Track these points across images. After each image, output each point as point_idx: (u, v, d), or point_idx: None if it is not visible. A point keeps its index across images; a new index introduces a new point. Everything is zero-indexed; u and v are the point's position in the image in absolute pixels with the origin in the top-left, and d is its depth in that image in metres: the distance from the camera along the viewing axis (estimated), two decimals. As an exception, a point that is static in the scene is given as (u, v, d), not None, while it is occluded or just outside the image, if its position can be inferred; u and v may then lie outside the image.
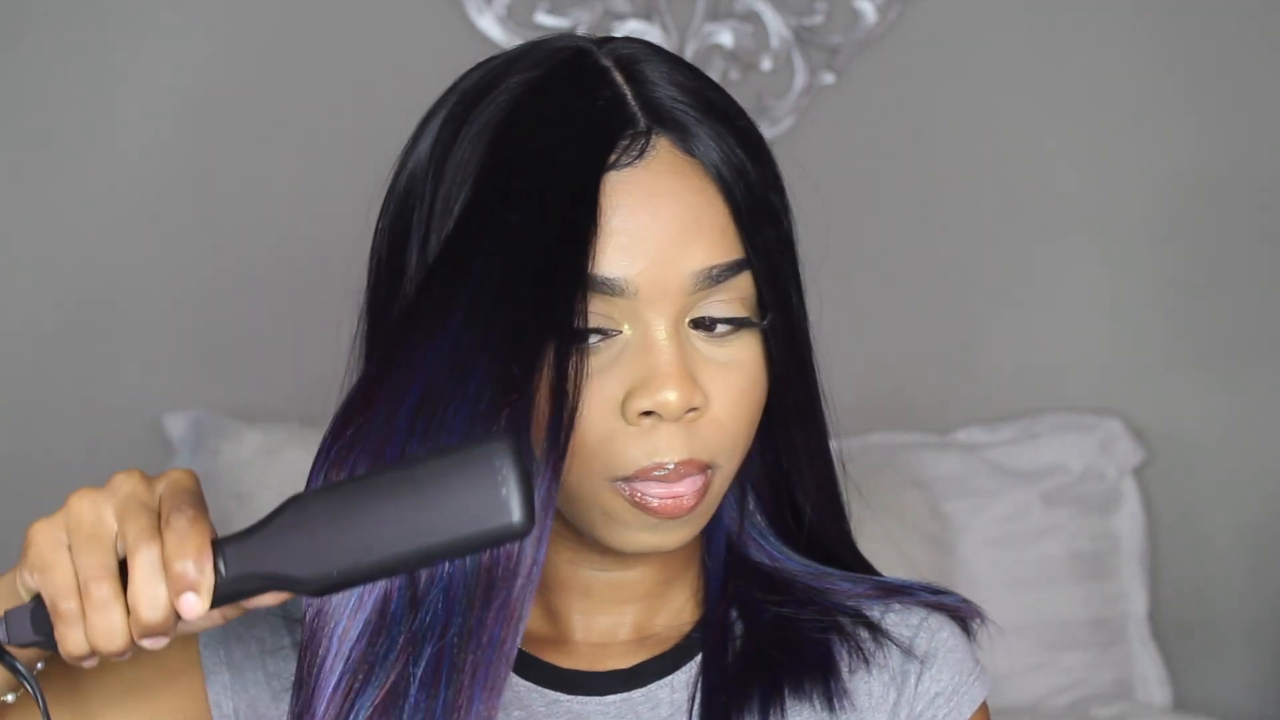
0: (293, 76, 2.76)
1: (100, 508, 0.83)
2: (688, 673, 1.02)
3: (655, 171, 0.95)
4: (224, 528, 2.89)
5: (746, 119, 0.99)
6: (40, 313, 2.78)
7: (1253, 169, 2.78)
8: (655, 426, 0.94)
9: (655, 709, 1.01)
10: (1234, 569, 2.81)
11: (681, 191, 0.95)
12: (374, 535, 0.79)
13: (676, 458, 0.94)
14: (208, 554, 0.82)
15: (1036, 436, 2.72)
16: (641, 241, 0.93)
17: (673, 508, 0.95)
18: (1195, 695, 2.73)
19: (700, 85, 0.98)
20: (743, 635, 1.03)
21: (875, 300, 2.79)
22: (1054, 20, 2.79)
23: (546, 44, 0.99)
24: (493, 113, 0.95)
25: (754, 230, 0.96)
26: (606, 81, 0.96)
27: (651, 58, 0.98)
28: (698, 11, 2.79)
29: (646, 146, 0.95)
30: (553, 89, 0.95)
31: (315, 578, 0.80)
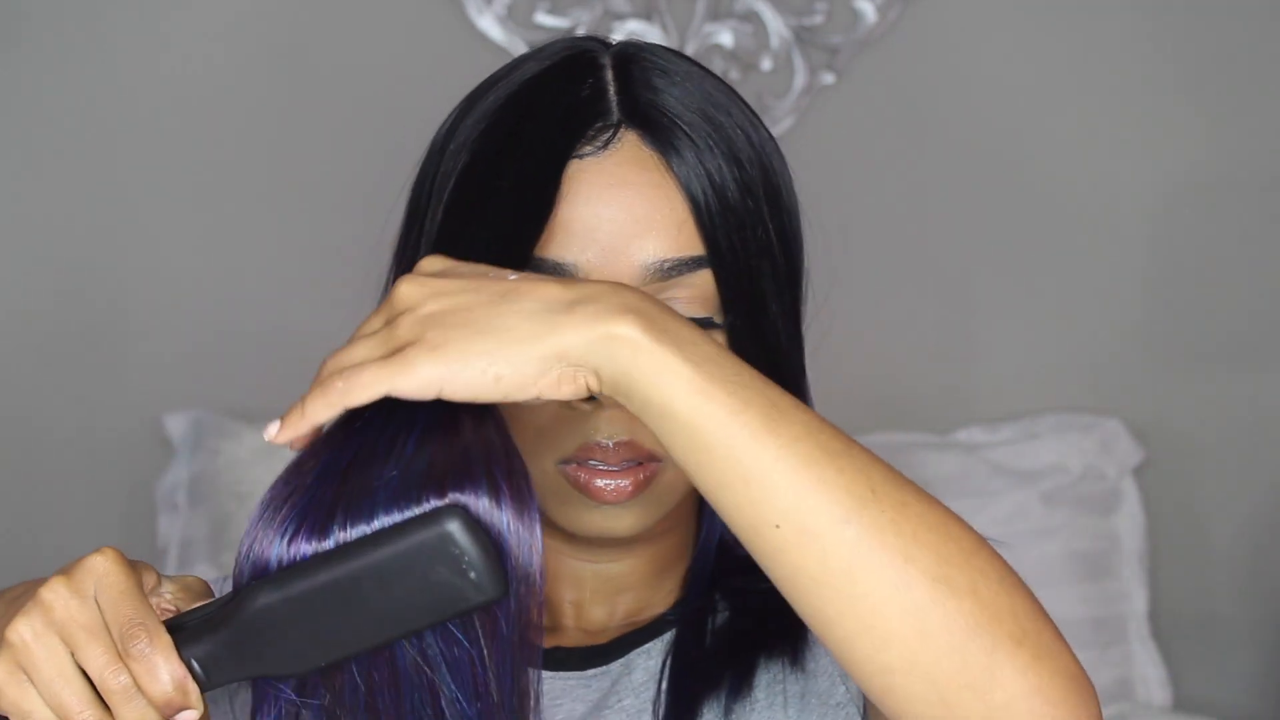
0: (293, 76, 2.76)
1: (48, 639, 0.80)
2: (664, 641, 1.04)
3: (617, 162, 0.97)
4: (224, 527, 2.89)
5: (745, 122, 1.01)
6: (40, 312, 2.78)
7: (1253, 169, 2.78)
8: (596, 411, 0.96)
9: (631, 675, 1.03)
10: (1234, 569, 2.81)
11: (641, 184, 0.97)
12: (350, 630, 0.79)
13: (615, 438, 0.96)
14: (185, 675, 0.81)
15: (1036, 436, 2.72)
16: (594, 229, 0.96)
17: (612, 492, 0.97)
18: (1195, 695, 2.73)
19: (696, 87, 1.00)
20: (725, 614, 1.05)
21: (875, 300, 2.78)
22: (1054, 21, 2.79)
23: (561, 42, 1.03)
24: (493, 98, 0.99)
25: (717, 230, 0.97)
26: (595, 75, 0.99)
27: (654, 59, 1.01)
28: (698, 11, 2.79)
29: (613, 139, 0.98)
30: (548, 80, 0.99)
31: (297, 673, 0.81)
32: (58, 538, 2.79)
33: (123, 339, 2.78)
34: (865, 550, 0.77)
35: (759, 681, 1.01)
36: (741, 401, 0.78)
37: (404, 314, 0.80)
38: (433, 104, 1.02)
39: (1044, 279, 2.81)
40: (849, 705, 1.00)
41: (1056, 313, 2.81)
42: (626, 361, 0.78)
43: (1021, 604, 0.80)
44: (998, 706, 0.78)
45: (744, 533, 0.79)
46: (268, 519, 0.81)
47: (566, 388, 0.79)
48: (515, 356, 0.77)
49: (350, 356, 0.81)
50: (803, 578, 0.78)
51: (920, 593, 0.77)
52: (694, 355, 0.78)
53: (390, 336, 0.80)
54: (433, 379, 0.78)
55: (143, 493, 2.73)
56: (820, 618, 0.79)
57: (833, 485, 0.78)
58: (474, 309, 0.79)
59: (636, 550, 1.04)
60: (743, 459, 0.78)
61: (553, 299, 0.79)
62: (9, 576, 2.92)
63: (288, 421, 0.84)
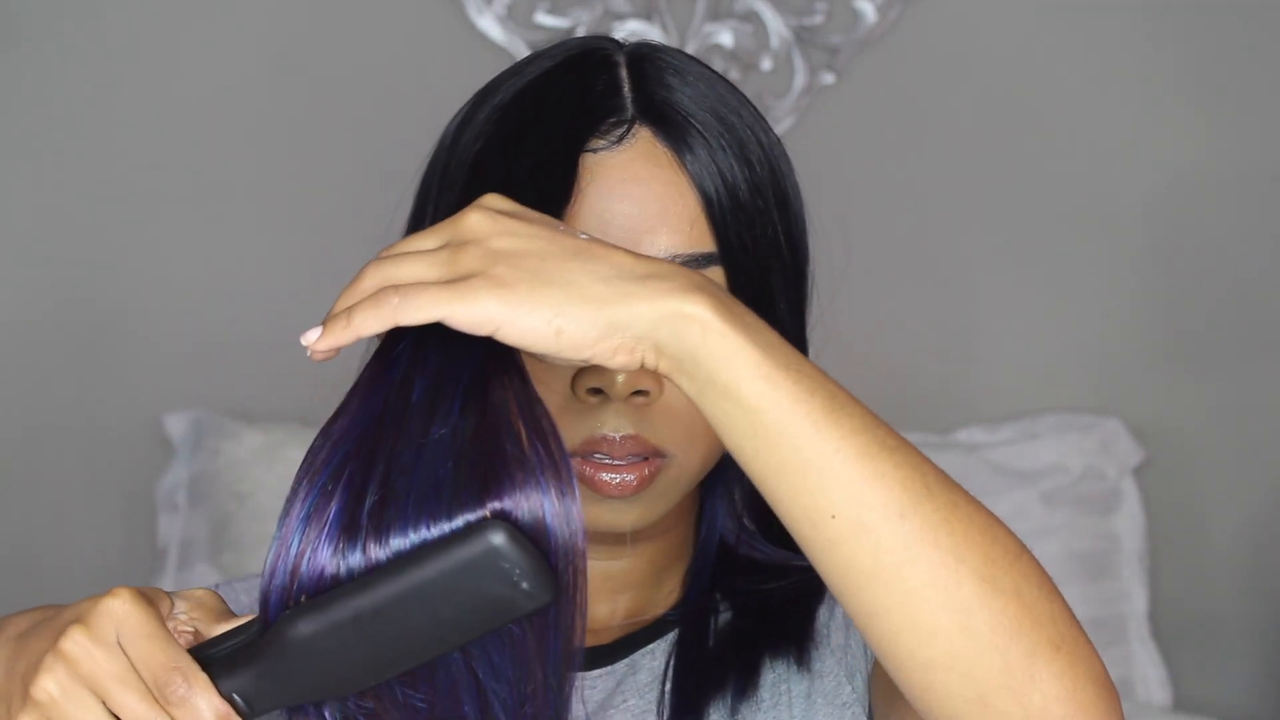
0: (293, 77, 2.76)
1: (77, 694, 0.79)
2: (668, 641, 1.04)
3: (630, 157, 0.97)
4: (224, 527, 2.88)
5: (755, 123, 1.01)
6: (40, 313, 2.78)
7: (1253, 169, 2.78)
8: (603, 404, 0.96)
9: (636, 675, 1.03)
10: (1234, 569, 2.81)
11: (653, 180, 0.97)
12: (397, 650, 0.77)
13: (622, 432, 0.96)
14: (229, 711, 0.79)
15: (1036, 436, 2.72)
16: (607, 223, 0.96)
17: (618, 487, 0.97)
18: (1195, 695, 2.73)
19: (708, 88, 1.01)
20: (727, 614, 1.05)
21: (875, 300, 2.78)
22: (1053, 21, 2.79)
23: (573, 40, 1.04)
24: (506, 92, 1.00)
25: (729, 227, 0.98)
26: (610, 72, 1.00)
27: (667, 59, 1.02)
28: (698, 11, 2.79)
29: (627, 134, 0.98)
30: (562, 75, 0.99)
31: (342, 696, 0.79)
32: (58, 538, 2.79)
33: (123, 339, 2.78)
34: (918, 546, 0.78)
35: (764, 681, 1.01)
36: (806, 390, 0.79)
37: (470, 243, 0.78)
38: (433, 104, 1.02)
39: (1044, 279, 2.81)
40: (855, 705, 1.00)
41: (1056, 312, 2.81)
42: (695, 340, 0.77)
43: (1060, 610, 0.81)
44: (1034, 709, 0.78)
45: (797, 523, 0.79)
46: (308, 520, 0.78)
47: (622, 357, 0.78)
48: (581, 315, 0.76)
49: (404, 272, 0.79)
50: (854, 571, 0.78)
51: (968, 592, 0.78)
52: (761, 341, 0.78)
53: (454, 261, 0.78)
54: (493, 315, 0.76)
55: (143, 493, 2.73)
56: (868, 611, 0.79)
57: (890, 480, 0.79)
58: (546, 258, 0.77)
59: (638, 548, 1.04)
60: (804, 447, 0.78)
61: (626, 267, 0.78)
62: (9, 576, 2.94)
63: (331, 328, 0.80)
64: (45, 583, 2.79)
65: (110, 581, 2.87)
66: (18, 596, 2.79)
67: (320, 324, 0.81)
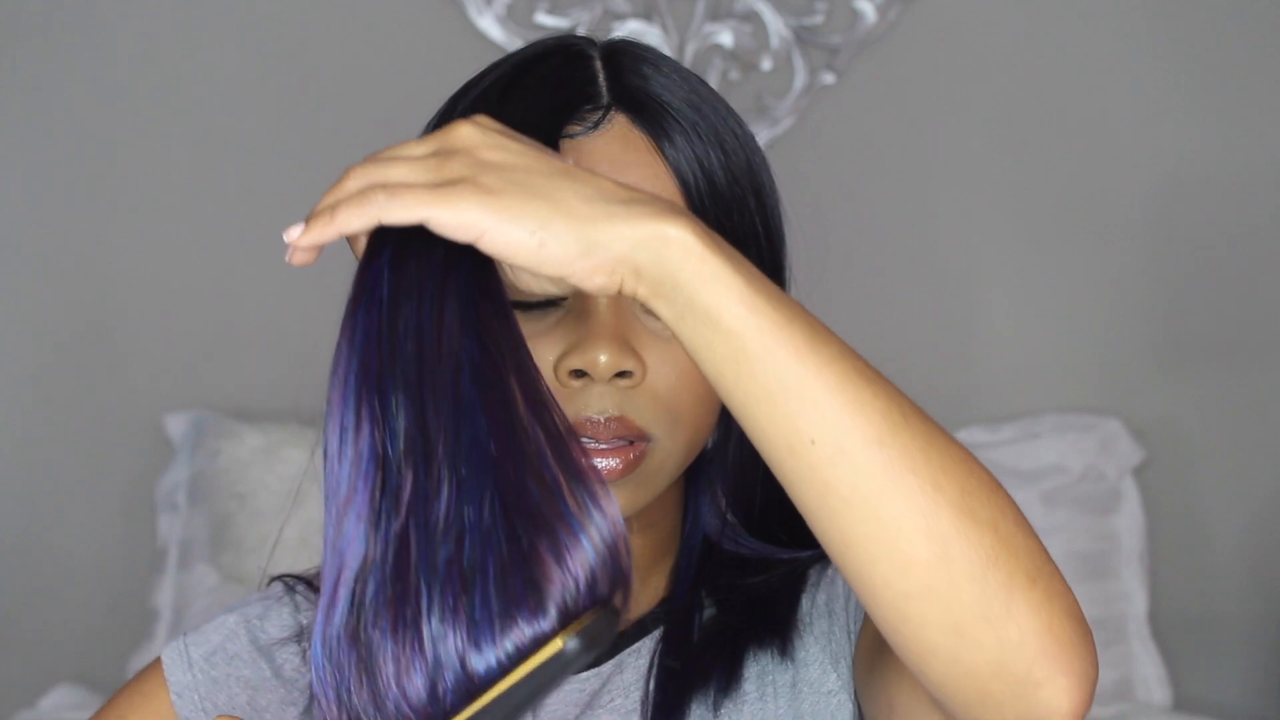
0: (293, 76, 2.76)
1: None
2: (653, 639, 1.04)
3: (607, 141, 0.98)
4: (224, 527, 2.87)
5: (728, 116, 1.02)
6: (41, 313, 2.78)
7: (1253, 170, 2.78)
8: (587, 387, 0.96)
9: (622, 674, 1.03)
10: (1234, 569, 2.81)
11: (631, 164, 0.97)
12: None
13: (606, 414, 0.96)
14: None
15: (1036, 436, 2.72)
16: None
17: (602, 469, 0.96)
18: (1195, 695, 2.73)
19: (682, 80, 1.02)
20: (712, 610, 1.05)
21: (875, 300, 2.79)
22: (1053, 21, 2.79)
23: (549, 38, 1.04)
24: (482, 86, 1.00)
25: (707, 214, 0.98)
26: (584, 64, 1.00)
27: (641, 53, 1.02)
28: (698, 11, 2.79)
29: (603, 120, 0.98)
30: (536, 69, 1.00)
31: None
32: (58, 537, 2.79)
33: (123, 339, 2.78)
34: (897, 474, 0.78)
35: (749, 674, 1.02)
36: (785, 317, 0.78)
37: (459, 152, 0.79)
38: (433, 104, 1.02)
39: (1044, 279, 2.81)
40: (841, 693, 1.00)
41: (1056, 313, 2.81)
42: (675, 263, 0.77)
43: (1035, 545, 0.81)
44: (1010, 642, 0.78)
45: (775, 449, 0.79)
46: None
47: (601, 278, 0.78)
48: (565, 230, 0.77)
49: (389, 173, 0.79)
50: (832, 498, 0.78)
51: (946, 521, 0.78)
52: (741, 268, 0.78)
53: (441, 167, 0.78)
54: (477, 221, 0.76)
55: (143, 493, 2.73)
56: (844, 540, 0.79)
57: (869, 407, 0.78)
58: (533, 173, 0.78)
59: None
60: (784, 373, 0.78)
61: (610, 191, 0.78)
62: (9, 576, 2.94)
63: (314, 225, 0.81)
64: (46, 582, 2.79)
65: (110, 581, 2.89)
66: (18, 596, 2.80)
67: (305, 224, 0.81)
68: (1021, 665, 0.78)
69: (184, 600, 2.58)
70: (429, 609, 0.75)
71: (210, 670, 1.06)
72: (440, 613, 0.75)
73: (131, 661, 2.62)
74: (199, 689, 1.06)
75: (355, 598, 0.76)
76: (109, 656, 2.70)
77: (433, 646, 0.75)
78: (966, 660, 0.79)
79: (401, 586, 0.75)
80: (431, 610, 0.75)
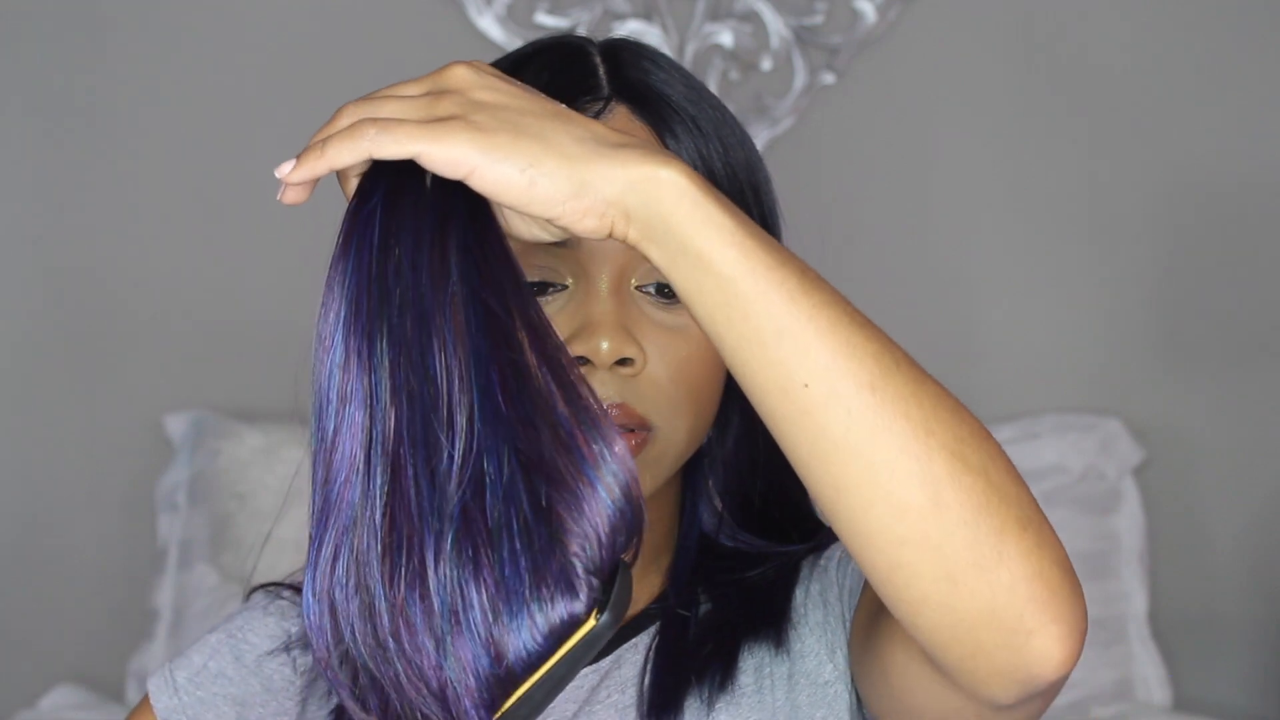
0: (293, 76, 2.76)
1: None
2: (650, 634, 1.05)
3: None
4: (224, 527, 2.87)
5: (725, 113, 1.03)
6: (41, 313, 2.78)
7: (1253, 169, 2.78)
8: (588, 374, 0.96)
9: (620, 669, 1.04)
10: (1234, 569, 2.81)
11: None
12: None
13: (608, 401, 0.96)
14: None
15: (1036, 436, 2.72)
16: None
17: None
18: (1195, 695, 2.73)
19: (681, 77, 1.02)
20: (708, 605, 1.05)
21: (875, 300, 2.78)
22: (1051, 20, 2.79)
23: (547, 37, 1.05)
24: None
25: None
26: (584, 59, 1.01)
27: (639, 49, 1.03)
28: (698, 11, 2.79)
29: (604, 111, 0.99)
30: (535, 64, 1.01)
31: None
32: (58, 537, 2.79)
33: (123, 339, 2.78)
34: (889, 417, 0.78)
35: (745, 668, 1.02)
36: (776, 259, 0.78)
37: (452, 91, 0.79)
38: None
39: (1044, 279, 2.81)
40: (837, 683, 1.01)
41: (1057, 313, 2.81)
42: (668, 206, 0.77)
43: (1025, 493, 0.81)
44: (1002, 587, 0.78)
45: (767, 394, 0.79)
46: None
47: (591, 221, 0.78)
48: (556, 169, 0.77)
49: (381, 109, 0.80)
50: (824, 442, 0.78)
51: (939, 466, 0.78)
52: (734, 213, 0.78)
53: (434, 105, 0.79)
54: (468, 156, 0.77)
55: (143, 493, 2.73)
56: (836, 485, 0.79)
57: (862, 351, 0.79)
58: (525, 114, 0.78)
59: None
60: (777, 315, 0.78)
61: (603, 134, 0.79)
62: (10, 576, 2.94)
63: (305, 160, 0.83)
64: (46, 582, 2.79)
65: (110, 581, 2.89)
66: (18, 596, 2.80)
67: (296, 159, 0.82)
68: (1013, 612, 0.78)
69: (184, 600, 2.58)
70: (435, 558, 0.74)
71: (196, 691, 1.06)
72: (455, 563, 0.74)
73: (131, 662, 2.62)
74: (186, 711, 1.06)
75: (353, 546, 0.76)
76: (109, 656, 2.70)
77: (445, 598, 0.74)
78: (959, 608, 0.79)
79: (399, 536, 0.75)
80: (439, 559, 0.74)
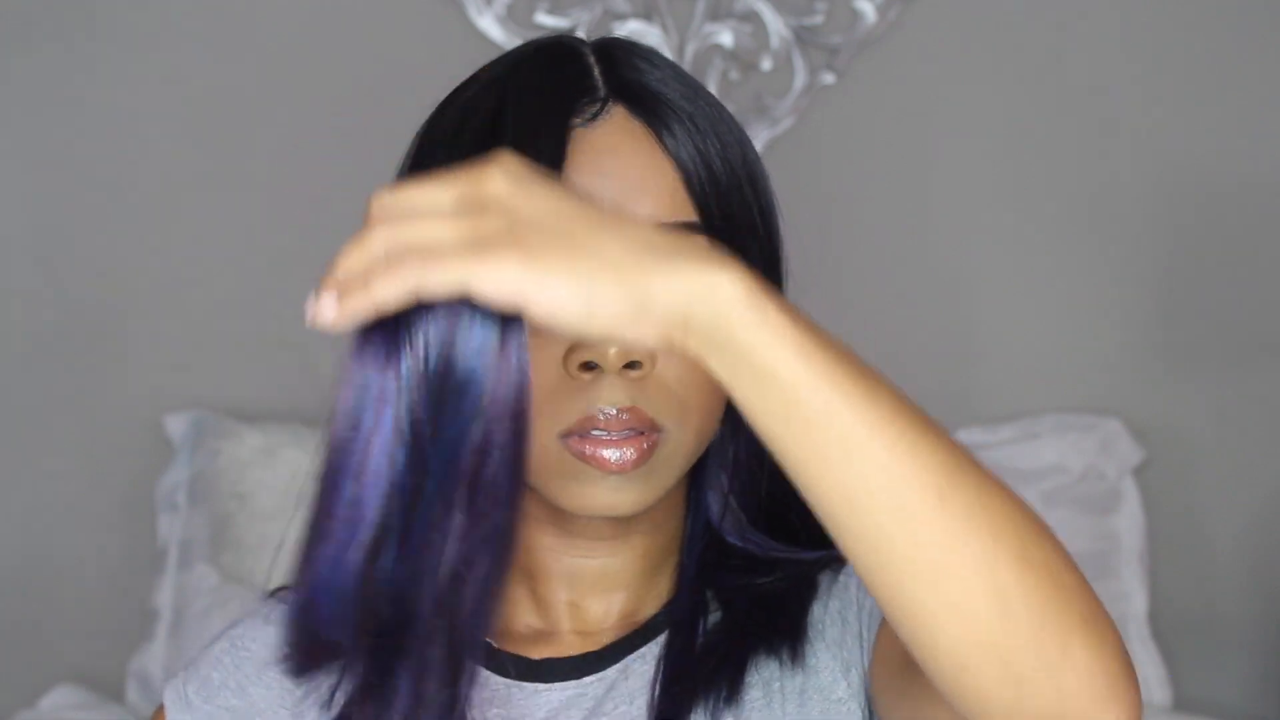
0: (293, 76, 2.76)
1: None
2: (658, 644, 1.03)
3: (606, 131, 0.98)
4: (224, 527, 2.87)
5: (722, 110, 1.02)
6: (40, 312, 2.78)
7: (1253, 169, 2.79)
8: (597, 379, 0.95)
9: (627, 680, 1.03)
10: (1234, 569, 2.81)
11: (632, 153, 0.98)
12: None
13: (618, 405, 0.95)
14: None
15: (1036, 436, 2.72)
16: (586, 196, 0.95)
17: (617, 463, 0.96)
18: (1195, 695, 2.73)
19: (675, 74, 1.02)
20: (718, 613, 1.04)
21: (875, 300, 2.79)
22: (1052, 20, 2.79)
23: (539, 39, 1.04)
24: (474, 89, 1.00)
25: (708, 199, 0.98)
26: (578, 60, 1.01)
27: (632, 48, 1.03)
28: (698, 11, 2.79)
29: (601, 112, 0.98)
30: (529, 67, 1.00)
31: None
32: (58, 538, 2.79)
33: (123, 339, 2.78)
34: (958, 528, 0.75)
35: (756, 680, 1.01)
36: (842, 369, 0.75)
37: (492, 206, 0.73)
38: (433, 104, 1.02)
39: (1044, 279, 2.81)
40: (850, 701, 1.00)
41: (1056, 312, 2.81)
42: (730, 317, 0.74)
43: (1083, 583, 0.79)
44: (1069, 690, 0.77)
45: (835, 508, 0.76)
46: None
47: (650, 339, 0.74)
48: (614, 289, 0.72)
49: (420, 233, 0.73)
50: (890, 554, 0.76)
51: (1005, 572, 0.76)
52: (795, 319, 0.75)
53: (477, 225, 0.73)
54: (519, 284, 0.72)
55: (143, 493, 2.73)
56: (904, 597, 0.77)
57: (928, 459, 0.76)
58: (578, 227, 0.73)
59: (632, 543, 1.04)
60: (843, 429, 0.75)
61: (656, 240, 0.74)
62: (10, 576, 2.94)
63: (348, 299, 0.74)
64: (46, 582, 2.79)
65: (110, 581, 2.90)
66: (18, 596, 2.80)
67: (319, 288, 0.76)
68: (1078, 708, 0.77)
69: (184, 600, 2.58)
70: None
71: (204, 705, 1.06)
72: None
73: (131, 662, 2.62)
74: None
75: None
76: (109, 656, 2.70)
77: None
78: (1026, 708, 0.77)
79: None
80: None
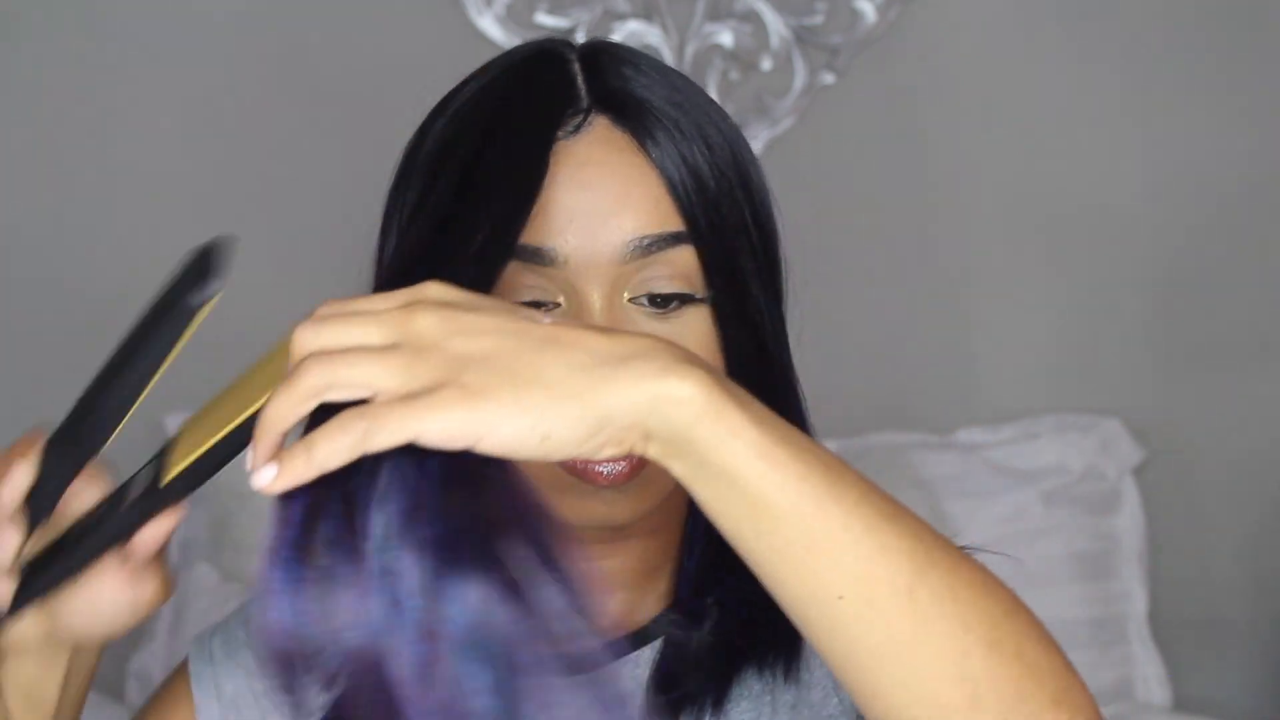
0: (292, 76, 2.76)
1: None
2: (652, 649, 1.03)
3: (589, 143, 0.97)
4: (224, 527, 2.88)
5: (711, 110, 1.01)
6: (39, 312, 2.78)
7: (1253, 169, 2.78)
8: None
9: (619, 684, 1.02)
10: (1234, 569, 2.81)
11: (614, 163, 0.97)
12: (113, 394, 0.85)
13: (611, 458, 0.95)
14: None
15: (1036, 436, 2.72)
16: (572, 210, 0.95)
17: (609, 477, 0.95)
18: (1195, 695, 2.73)
19: (663, 78, 1.01)
20: (716, 619, 1.03)
21: (875, 300, 2.78)
22: (1052, 21, 2.79)
23: (529, 43, 1.03)
24: (465, 96, 0.99)
25: (695, 207, 0.97)
26: (562, 69, 1.00)
27: (619, 53, 1.02)
28: (698, 11, 2.79)
29: (584, 123, 0.98)
30: (515, 77, 0.99)
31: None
32: (58, 538, 2.79)
33: (123, 339, 2.78)
34: (928, 620, 0.75)
35: (748, 693, 1.00)
36: (805, 465, 0.74)
37: (427, 349, 0.72)
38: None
39: (1044, 279, 2.81)
40: (841, 718, 1.00)
41: (1056, 313, 2.81)
42: (686, 424, 0.72)
43: (1058, 662, 0.78)
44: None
45: (803, 605, 0.75)
46: None
47: (610, 449, 0.73)
48: (566, 414, 0.71)
49: (354, 374, 0.73)
50: (861, 651, 0.75)
51: (976, 661, 0.75)
52: (755, 417, 0.73)
53: (415, 372, 0.71)
54: (469, 429, 0.70)
55: (143, 493, 2.73)
56: (874, 689, 0.76)
57: (896, 552, 0.74)
58: (517, 355, 0.71)
59: (629, 546, 1.03)
60: (809, 528, 0.73)
61: (602, 351, 0.72)
62: (9, 576, 2.91)
63: (289, 465, 0.73)
64: (45, 583, 2.79)
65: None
66: (18, 596, 2.80)
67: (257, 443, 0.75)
68: None
69: (184, 600, 2.58)
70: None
71: (226, 660, 1.11)
72: None
73: (131, 662, 2.62)
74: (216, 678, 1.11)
75: None
76: (109, 656, 2.69)
77: None
78: None
79: None
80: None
